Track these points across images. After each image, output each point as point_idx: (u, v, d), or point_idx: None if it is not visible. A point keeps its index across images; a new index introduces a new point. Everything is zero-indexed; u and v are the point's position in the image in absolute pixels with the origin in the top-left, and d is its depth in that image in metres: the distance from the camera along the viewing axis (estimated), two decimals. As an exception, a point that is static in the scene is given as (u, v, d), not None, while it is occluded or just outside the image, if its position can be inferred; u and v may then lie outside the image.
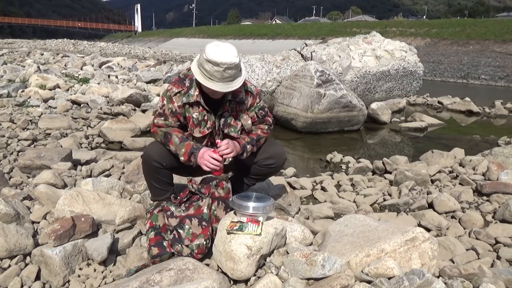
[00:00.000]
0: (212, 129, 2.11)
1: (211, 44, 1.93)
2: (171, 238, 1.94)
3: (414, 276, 1.58)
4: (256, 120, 2.20)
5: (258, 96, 2.20)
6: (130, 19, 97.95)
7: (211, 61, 1.87)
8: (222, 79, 1.90)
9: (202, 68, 1.92)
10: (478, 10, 73.70)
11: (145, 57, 28.39)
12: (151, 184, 2.19)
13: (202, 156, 1.97)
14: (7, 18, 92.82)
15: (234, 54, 1.90)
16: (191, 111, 2.07)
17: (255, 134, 2.17)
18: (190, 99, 2.04)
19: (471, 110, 7.99)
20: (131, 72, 10.75)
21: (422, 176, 3.40)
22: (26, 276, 1.84)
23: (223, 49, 1.89)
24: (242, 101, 2.13)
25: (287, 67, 6.44)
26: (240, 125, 2.14)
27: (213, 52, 1.87)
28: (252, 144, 2.12)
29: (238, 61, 1.90)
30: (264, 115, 2.21)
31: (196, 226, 1.95)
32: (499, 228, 2.52)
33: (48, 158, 3.25)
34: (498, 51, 21.40)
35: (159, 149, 2.09)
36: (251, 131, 2.20)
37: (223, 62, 1.86)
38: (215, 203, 2.04)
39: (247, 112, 2.18)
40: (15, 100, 5.93)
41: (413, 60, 7.35)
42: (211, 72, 1.88)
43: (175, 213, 2.03)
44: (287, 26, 44.68)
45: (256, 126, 2.21)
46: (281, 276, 1.68)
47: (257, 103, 2.19)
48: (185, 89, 2.05)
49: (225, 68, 1.87)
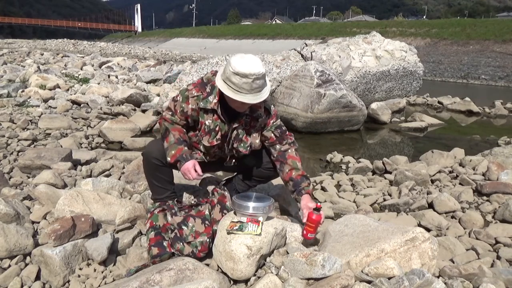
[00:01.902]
0: (221, 140, 2.09)
1: (235, 56, 1.90)
2: (172, 237, 1.94)
3: (414, 276, 1.58)
4: (275, 140, 2.13)
5: (276, 116, 2.15)
6: (130, 19, 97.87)
7: (239, 74, 1.82)
8: (251, 90, 1.86)
9: (229, 82, 1.87)
10: (478, 10, 73.66)
11: (145, 57, 28.39)
12: (151, 182, 2.19)
13: (187, 167, 1.98)
14: (7, 18, 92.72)
15: (261, 64, 1.87)
16: (205, 117, 2.05)
17: (301, 172, 2.10)
18: (207, 105, 2.01)
19: (471, 110, 7.99)
20: (131, 72, 10.75)
21: (422, 176, 3.40)
22: (26, 276, 1.84)
23: (249, 60, 1.86)
24: (258, 117, 2.09)
25: (287, 67, 6.44)
26: (250, 141, 2.12)
27: (240, 64, 1.83)
28: (305, 174, 2.12)
29: (264, 71, 1.88)
30: (281, 132, 2.15)
31: (200, 224, 1.99)
32: (499, 228, 2.52)
33: (48, 158, 3.25)
34: (498, 51, 21.41)
35: (159, 147, 2.10)
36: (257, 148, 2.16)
37: (251, 73, 1.82)
38: (213, 203, 2.09)
39: (262, 131, 2.14)
40: (15, 100, 5.93)
41: (413, 60, 7.35)
42: (240, 84, 1.84)
43: (178, 214, 2.06)
44: (287, 26, 44.67)
45: (282, 144, 2.14)
46: (281, 276, 1.68)
47: (273, 122, 2.13)
48: (205, 94, 2.02)
49: (254, 79, 1.83)
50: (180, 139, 2.04)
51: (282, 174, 2.12)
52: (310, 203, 1.98)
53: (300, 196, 2.04)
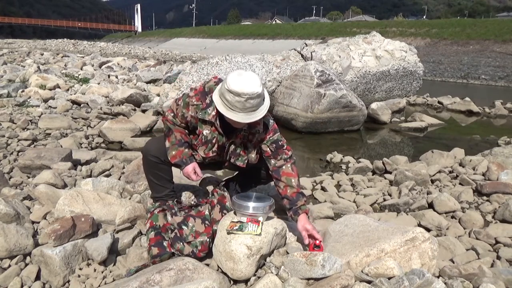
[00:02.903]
0: (217, 152, 2.08)
1: (233, 73, 1.86)
2: (172, 237, 1.94)
3: (414, 276, 1.58)
4: (270, 154, 2.07)
5: (274, 131, 2.08)
6: (130, 19, 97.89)
7: (232, 91, 1.79)
8: (244, 109, 1.82)
9: (223, 98, 1.84)
10: (478, 10, 73.61)
11: (145, 57, 28.38)
12: (150, 180, 2.20)
13: (187, 171, 2.03)
14: (7, 18, 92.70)
15: (257, 84, 1.82)
16: (203, 127, 2.04)
17: (296, 189, 2.03)
18: (205, 116, 1.99)
19: (471, 110, 7.99)
20: (131, 72, 10.75)
21: (422, 176, 3.40)
22: (26, 276, 1.84)
23: (245, 78, 1.82)
24: (256, 132, 2.06)
25: (287, 67, 6.44)
26: (247, 156, 2.10)
27: (235, 82, 1.80)
28: (301, 190, 2.07)
29: (260, 91, 1.83)
30: (277, 147, 2.07)
31: (200, 224, 1.99)
32: (499, 228, 2.52)
33: (48, 158, 3.25)
34: (498, 51, 21.41)
35: (158, 144, 2.11)
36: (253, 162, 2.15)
37: (244, 92, 1.78)
38: (213, 204, 2.09)
39: (258, 144, 2.10)
40: (15, 100, 5.93)
41: (413, 60, 7.35)
42: (232, 102, 1.81)
43: (178, 214, 2.07)
44: (287, 26, 44.67)
45: (277, 160, 2.07)
46: (281, 276, 1.69)
47: (270, 137, 2.07)
48: (204, 104, 1.99)
49: (247, 98, 1.80)
50: (181, 140, 2.06)
51: (278, 189, 2.08)
52: (307, 224, 1.93)
53: (296, 216, 1.98)
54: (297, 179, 2.07)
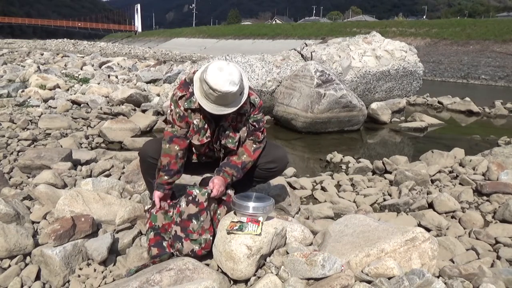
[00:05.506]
0: (211, 138, 2.07)
1: (215, 64, 1.84)
2: (173, 235, 1.93)
3: (414, 276, 1.58)
4: (247, 133, 2.10)
5: (259, 109, 2.10)
6: (130, 19, 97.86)
7: (208, 84, 1.81)
8: (215, 102, 1.85)
9: (202, 84, 1.87)
10: (478, 10, 73.65)
11: (145, 57, 28.36)
12: (148, 181, 2.20)
13: (156, 194, 2.04)
14: (7, 18, 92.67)
15: (234, 82, 1.81)
16: (192, 116, 2.03)
17: (240, 162, 2.07)
18: (191, 105, 1.99)
19: (471, 110, 7.98)
20: (131, 72, 10.76)
21: (422, 176, 3.40)
22: (26, 276, 1.84)
23: (223, 75, 1.80)
24: (245, 113, 2.06)
25: (287, 67, 6.44)
26: (238, 136, 2.09)
27: (212, 76, 1.80)
28: (237, 175, 2.06)
29: (235, 90, 1.82)
30: (255, 129, 2.10)
31: (208, 221, 1.95)
32: (499, 228, 2.52)
33: (48, 158, 3.25)
34: (498, 51, 21.40)
35: (155, 146, 2.10)
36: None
37: (218, 90, 1.79)
38: (221, 207, 2.05)
39: (247, 122, 2.10)
40: (15, 100, 5.93)
41: (413, 60, 7.35)
42: (207, 92, 1.84)
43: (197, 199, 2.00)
44: (287, 26, 44.66)
45: (242, 146, 2.10)
46: (281, 276, 1.68)
47: (255, 114, 2.09)
48: (188, 94, 1.99)
49: (220, 95, 1.81)
50: (165, 166, 2.02)
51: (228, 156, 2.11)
52: (217, 179, 1.98)
53: (216, 174, 2.03)
54: (250, 160, 2.09)
